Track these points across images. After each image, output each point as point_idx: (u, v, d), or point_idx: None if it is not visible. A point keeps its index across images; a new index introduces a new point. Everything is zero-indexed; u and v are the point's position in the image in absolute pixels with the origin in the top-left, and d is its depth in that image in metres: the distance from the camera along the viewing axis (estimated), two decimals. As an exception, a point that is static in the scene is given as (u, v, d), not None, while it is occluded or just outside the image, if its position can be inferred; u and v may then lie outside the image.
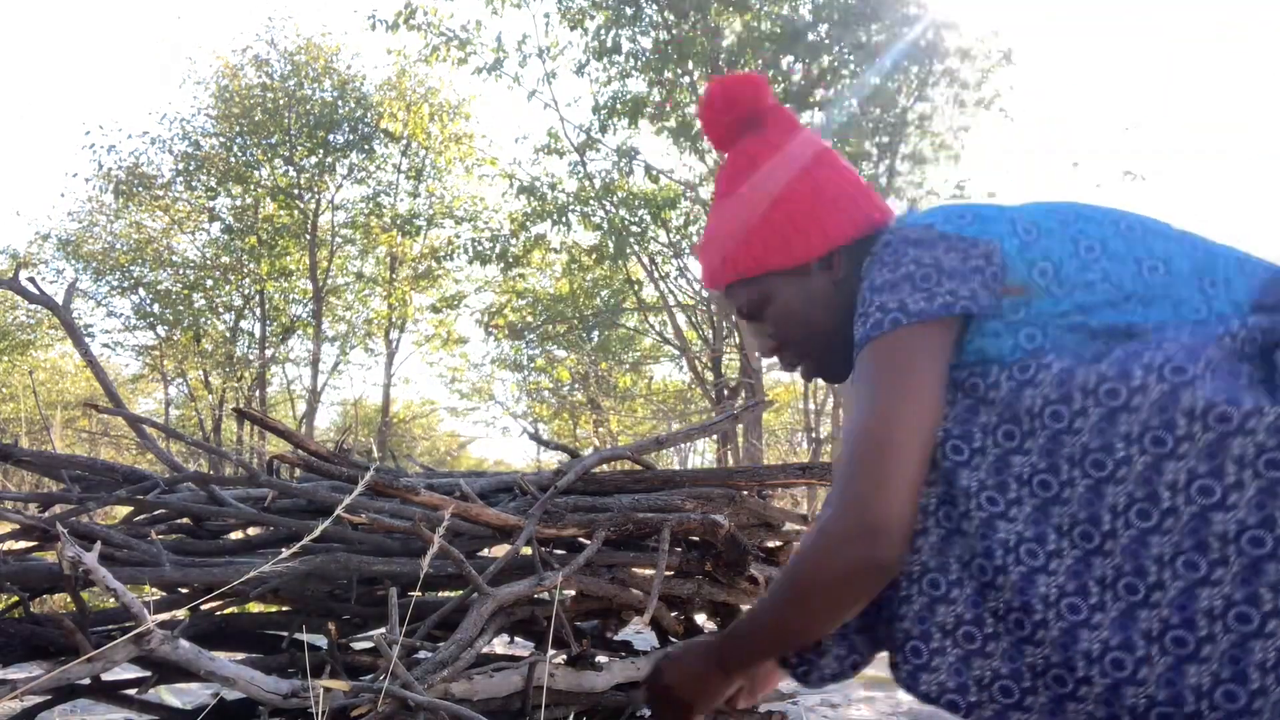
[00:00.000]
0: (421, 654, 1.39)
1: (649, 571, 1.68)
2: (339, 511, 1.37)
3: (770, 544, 1.83)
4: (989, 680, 0.98)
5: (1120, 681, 0.90)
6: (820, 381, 1.39)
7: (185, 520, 1.81)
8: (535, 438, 2.46)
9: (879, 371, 1.03)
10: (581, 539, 1.67)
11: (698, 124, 10.04)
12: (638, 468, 1.95)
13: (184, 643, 1.29)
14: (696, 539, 1.73)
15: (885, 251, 1.08)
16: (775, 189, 1.20)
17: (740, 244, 1.21)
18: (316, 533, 1.34)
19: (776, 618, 1.09)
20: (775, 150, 1.22)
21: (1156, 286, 1.01)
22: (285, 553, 1.48)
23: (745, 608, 1.92)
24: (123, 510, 2.23)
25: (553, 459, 22.39)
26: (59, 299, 1.85)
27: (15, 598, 1.50)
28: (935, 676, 1.01)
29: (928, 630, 1.01)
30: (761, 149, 1.24)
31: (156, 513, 1.77)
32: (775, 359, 1.29)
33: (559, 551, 1.78)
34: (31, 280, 1.82)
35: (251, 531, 1.99)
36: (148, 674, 1.55)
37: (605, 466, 1.89)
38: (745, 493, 1.72)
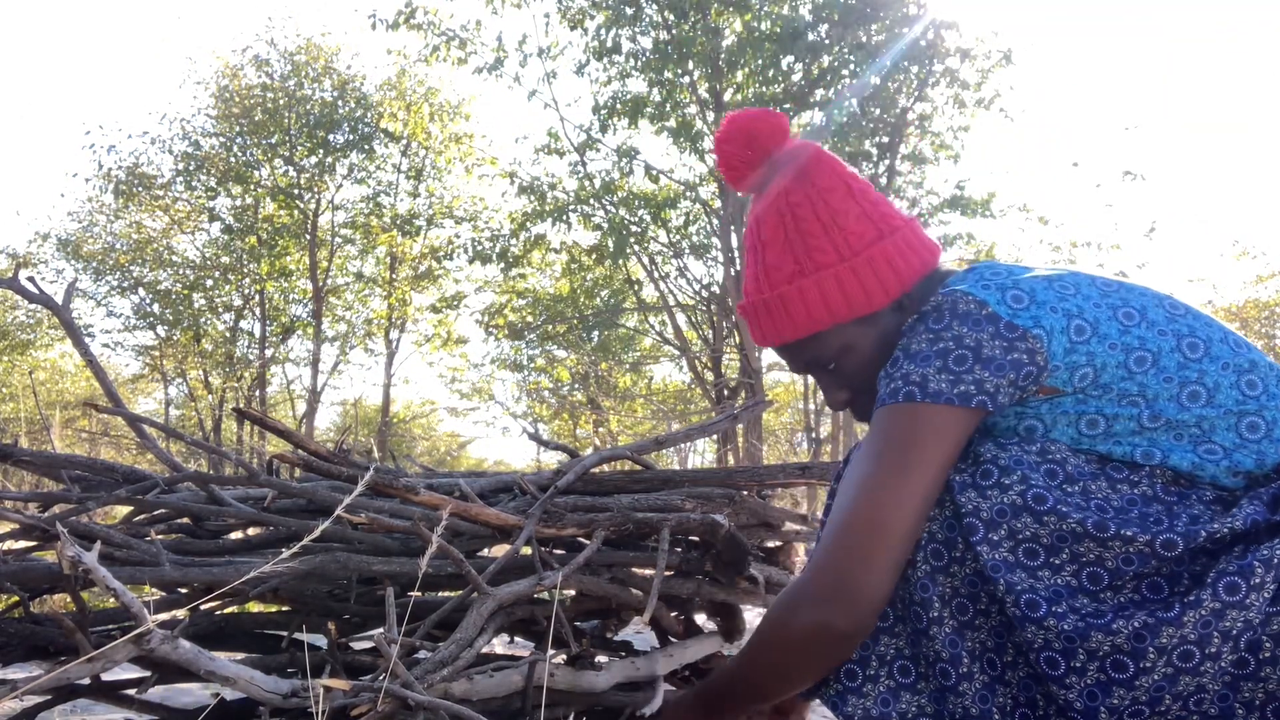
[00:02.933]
0: (421, 654, 1.39)
1: (649, 571, 1.68)
2: (339, 511, 1.37)
3: (770, 544, 1.83)
4: (913, 716, 1.02)
5: None
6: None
7: (185, 520, 1.81)
8: (535, 438, 2.46)
9: (885, 441, 1.01)
10: (581, 539, 1.67)
11: (698, 124, 10.05)
12: (638, 468, 1.95)
13: (184, 642, 1.29)
14: (696, 539, 1.73)
15: (931, 316, 1.03)
16: (839, 238, 1.12)
17: (813, 298, 1.12)
18: (316, 533, 1.34)
19: (745, 671, 1.09)
20: (824, 192, 1.13)
21: (1189, 418, 0.98)
22: (285, 553, 1.48)
23: (745, 608, 1.92)
24: (123, 510, 2.23)
25: (553, 459, 22.37)
26: (59, 299, 1.85)
27: (15, 598, 1.50)
28: (863, 702, 1.04)
29: (866, 657, 1.05)
30: (806, 193, 1.14)
31: (156, 513, 1.77)
32: (848, 408, 1.22)
33: (559, 551, 1.78)
34: (31, 280, 1.82)
35: (251, 531, 1.99)
36: (147, 674, 1.55)
37: (605, 466, 1.89)
38: (745, 493, 1.72)
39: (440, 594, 1.87)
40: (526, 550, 1.58)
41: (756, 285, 1.17)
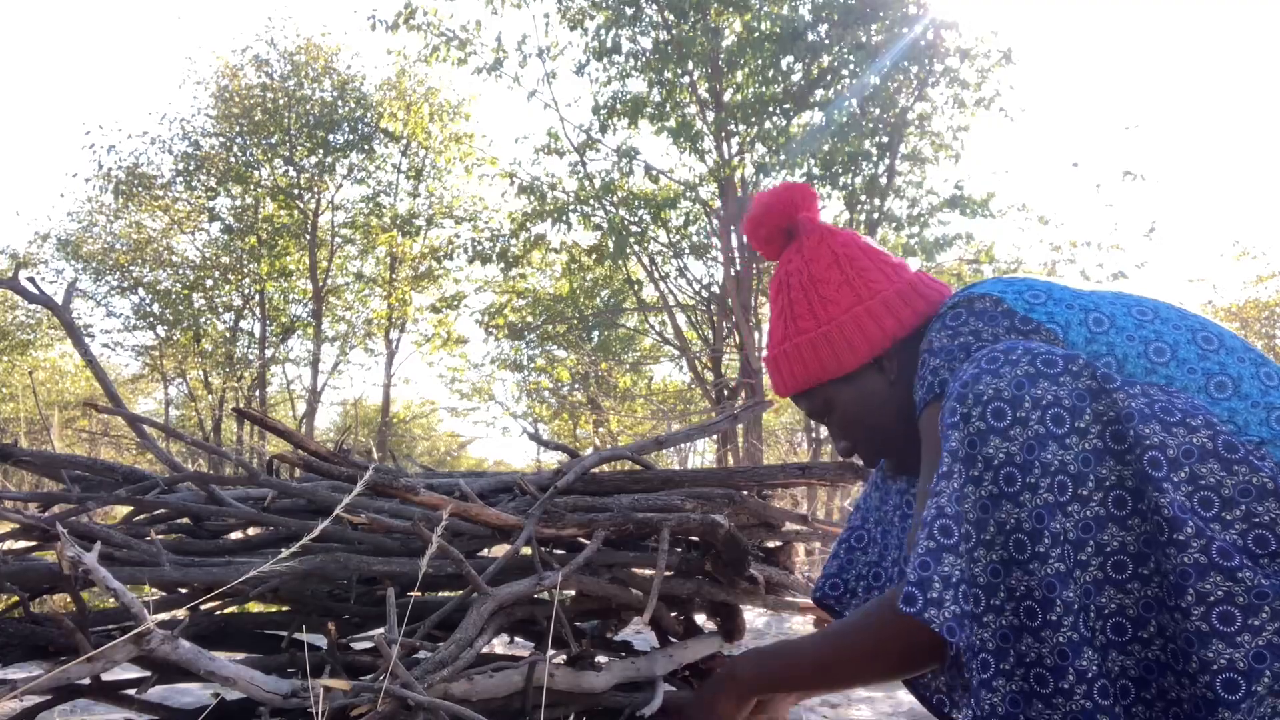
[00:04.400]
0: (421, 654, 1.39)
1: (649, 571, 1.68)
2: (339, 511, 1.37)
3: (770, 544, 1.83)
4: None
5: None
6: None
7: (185, 520, 1.81)
8: (535, 438, 2.47)
9: (928, 442, 1.03)
10: (581, 539, 1.68)
11: (698, 124, 10.04)
12: (638, 468, 1.95)
13: (184, 642, 1.29)
14: (696, 540, 1.73)
15: (949, 314, 1.07)
16: (814, 299, 1.22)
17: (794, 361, 1.24)
18: (316, 532, 1.34)
19: (826, 656, 1.09)
20: (810, 263, 1.24)
21: (1223, 413, 0.97)
22: (285, 552, 1.48)
23: (745, 608, 1.92)
24: (123, 511, 2.23)
25: (553, 459, 22.33)
26: (59, 299, 1.85)
27: (15, 598, 1.50)
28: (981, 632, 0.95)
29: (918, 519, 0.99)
30: (798, 262, 1.25)
31: (156, 513, 1.77)
32: (854, 458, 1.32)
33: (559, 552, 1.78)
34: (31, 280, 1.82)
35: (251, 531, 1.99)
36: (147, 674, 1.55)
37: (605, 467, 1.89)
38: (745, 493, 1.72)
39: (440, 594, 1.87)
40: (527, 551, 1.58)
41: (768, 343, 1.31)
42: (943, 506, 0.95)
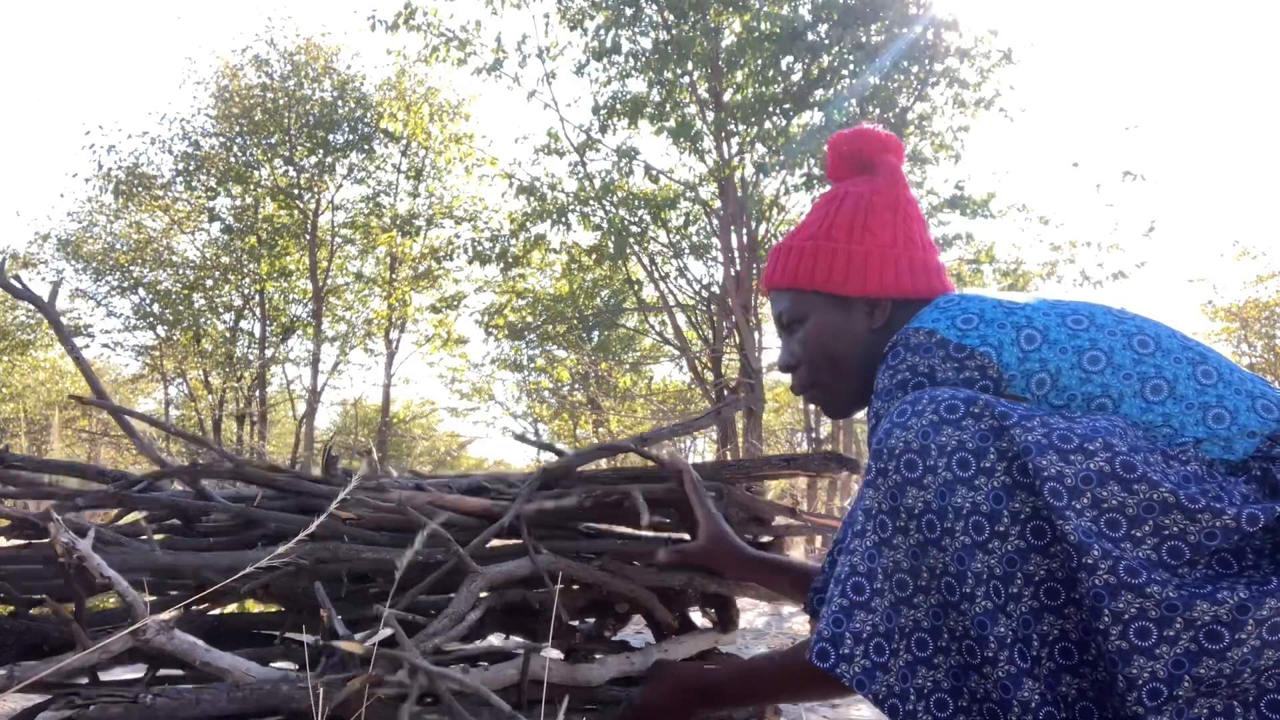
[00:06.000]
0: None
1: (638, 564, 1.70)
2: (332, 508, 1.38)
3: (763, 538, 1.83)
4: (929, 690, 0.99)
5: None
6: None
7: (174, 521, 1.81)
8: (521, 438, 2.47)
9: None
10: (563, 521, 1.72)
11: (698, 124, 10.04)
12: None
13: (180, 633, 1.29)
14: (686, 536, 1.74)
15: (889, 354, 1.11)
16: (859, 221, 1.27)
17: (806, 256, 1.28)
18: (313, 527, 1.35)
19: (762, 689, 1.23)
20: (875, 193, 1.29)
21: (1157, 418, 0.99)
22: (279, 549, 1.48)
23: (739, 599, 1.92)
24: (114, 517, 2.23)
25: (553, 458, 22.35)
26: (58, 299, 1.85)
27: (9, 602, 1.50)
28: (888, 678, 1.00)
29: (891, 630, 1.01)
30: (864, 188, 1.30)
31: (144, 512, 1.78)
32: (789, 375, 1.35)
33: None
34: (17, 277, 1.82)
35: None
36: (141, 675, 1.55)
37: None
38: (734, 486, 1.73)
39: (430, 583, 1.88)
40: (517, 542, 1.60)
41: (791, 234, 1.34)
42: (855, 565, 0.99)
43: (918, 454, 0.96)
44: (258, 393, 17.44)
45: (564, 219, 10.48)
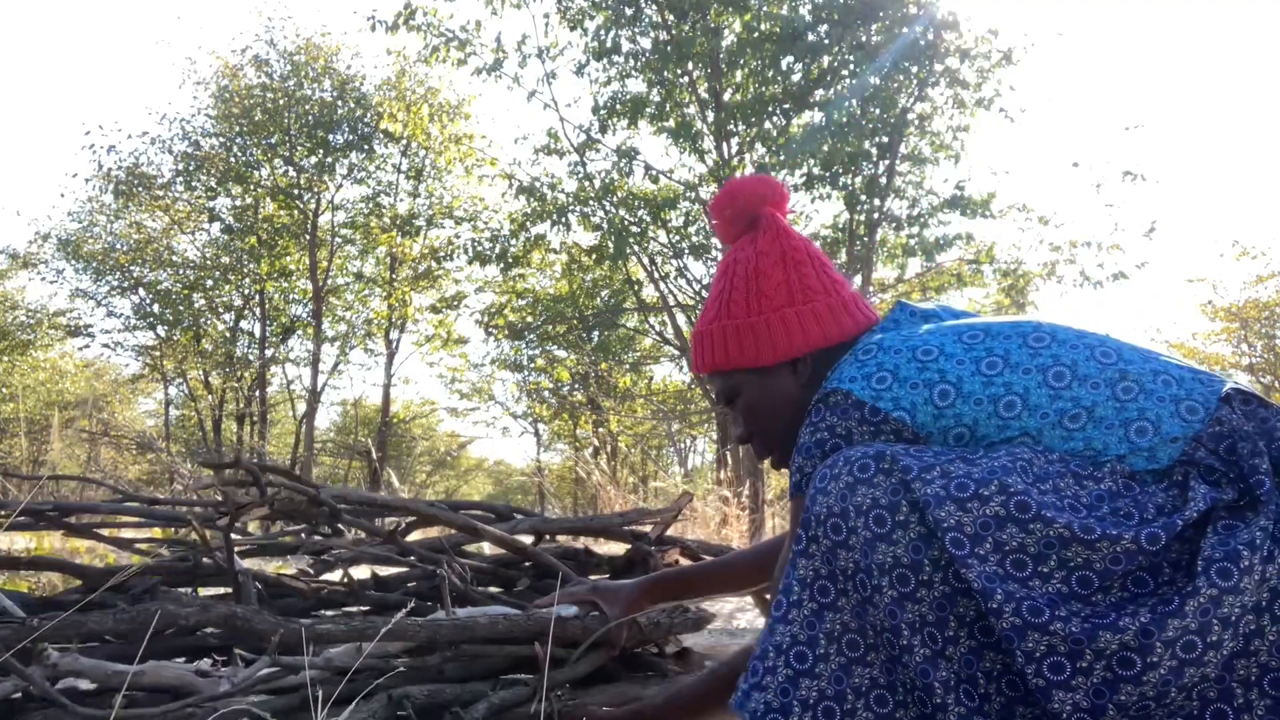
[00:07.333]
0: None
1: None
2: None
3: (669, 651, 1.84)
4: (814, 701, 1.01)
5: None
6: None
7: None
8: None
9: (791, 532, 1.12)
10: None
11: (698, 124, 10.04)
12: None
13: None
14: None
15: (813, 412, 1.13)
16: (752, 289, 1.29)
17: (716, 340, 1.30)
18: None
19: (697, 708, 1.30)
20: (760, 255, 1.30)
21: (1079, 445, 1.01)
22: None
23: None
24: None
25: (554, 459, 22.28)
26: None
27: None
28: (763, 695, 1.02)
29: (764, 649, 1.04)
30: (749, 252, 1.31)
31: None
32: (746, 444, 1.38)
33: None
34: None
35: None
36: None
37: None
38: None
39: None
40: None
41: (699, 318, 1.36)
42: (795, 635, 1.02)
43: (839, 516, 0.99)
44: (258, 393, 17.45)
45: (564, 219, 10.47)
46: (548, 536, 2.36)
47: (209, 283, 16.95)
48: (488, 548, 2.22)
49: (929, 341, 1.12)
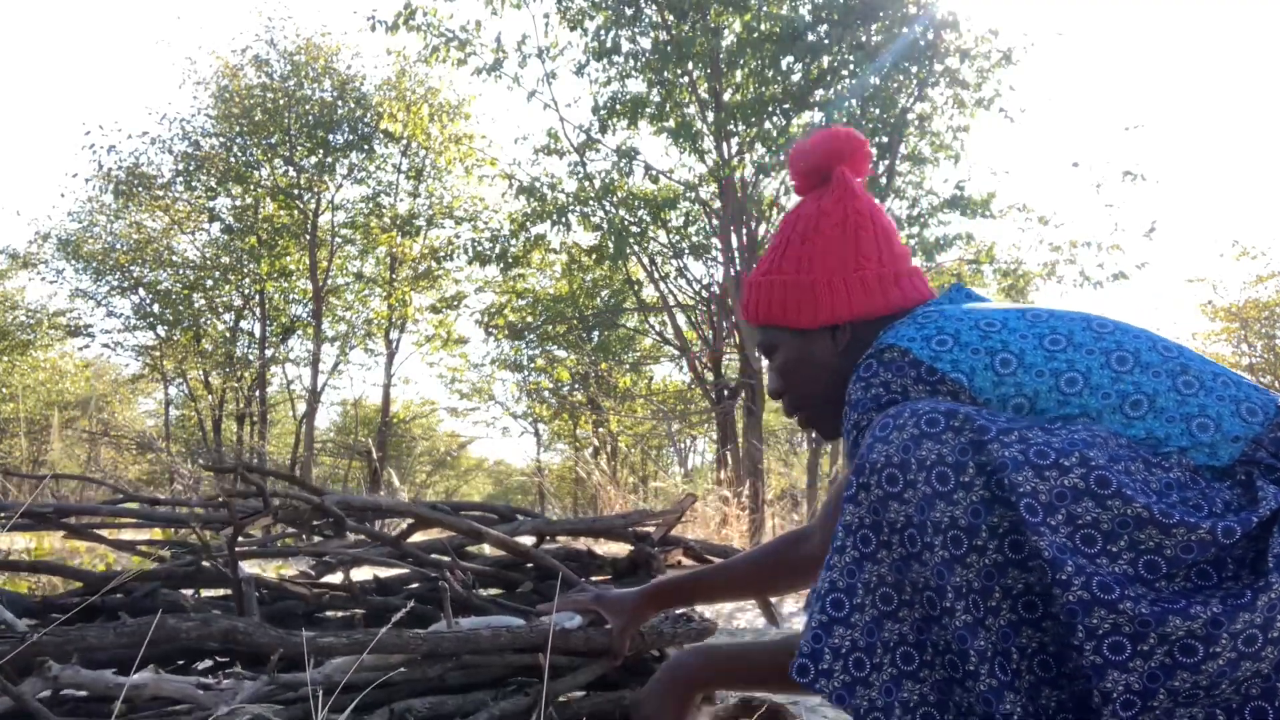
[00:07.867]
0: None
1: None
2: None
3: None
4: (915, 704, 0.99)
5: None
6: None
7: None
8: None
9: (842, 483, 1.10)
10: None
11: (698, 124, 10.04)
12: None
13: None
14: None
15: (862, 366, 1.11)
16: (805, 251, 1.26)
17: (763, 292, 1.29)
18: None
19: (758, 678, 1.28)
20: (821, 215, 1.27)
21: (1140, 433, 0.99)
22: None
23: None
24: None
25: (554, 459, 22.24)
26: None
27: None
28: (869, 692, 0.99)
29: (872, 644, 1.00)
30: (812, 209, 1.28)
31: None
32: (778, 400, 1.37)
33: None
34: None
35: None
36: None
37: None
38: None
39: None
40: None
41: (756, 266, 1.34)
42: (835, 580, 1.00)
43: (898, 468, 0.96)
44: (258, 393, 17.44)
45: (564, 219, 10.47)
46: (550, 538, 2.37)
47: (209, 283, 16.93)
48: (489, 549, 2.22)
49: (992, 315, 1.10)
